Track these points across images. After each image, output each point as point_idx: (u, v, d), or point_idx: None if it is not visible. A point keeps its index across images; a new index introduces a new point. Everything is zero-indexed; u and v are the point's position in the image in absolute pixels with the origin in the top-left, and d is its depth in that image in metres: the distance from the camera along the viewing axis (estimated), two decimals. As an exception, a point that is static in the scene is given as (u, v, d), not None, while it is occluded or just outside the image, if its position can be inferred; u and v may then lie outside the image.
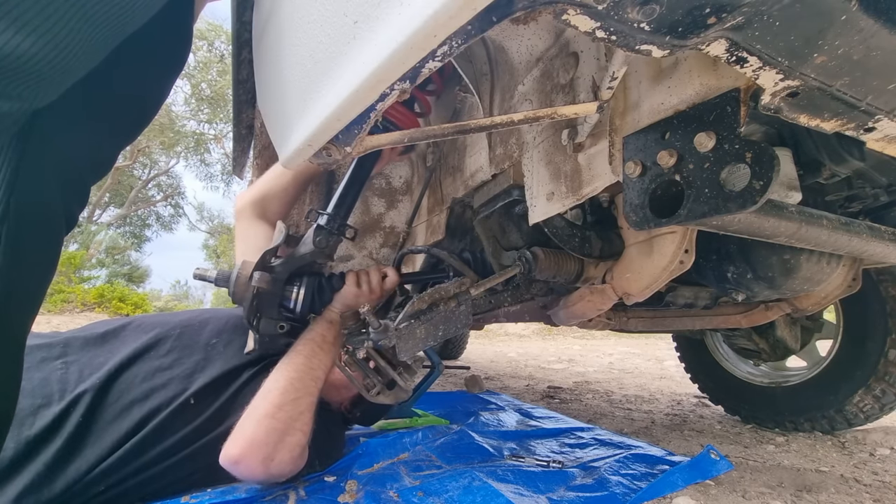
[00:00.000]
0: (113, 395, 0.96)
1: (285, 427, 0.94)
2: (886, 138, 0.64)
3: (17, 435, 0.84)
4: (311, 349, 1.07)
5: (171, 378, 1.03)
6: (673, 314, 1.41)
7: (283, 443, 0.94)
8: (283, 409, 0.95)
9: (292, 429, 0.96)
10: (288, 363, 1.04)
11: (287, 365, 1.03)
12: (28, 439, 0.85)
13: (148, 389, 0.99)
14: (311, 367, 1.04)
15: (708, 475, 1.16)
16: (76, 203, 0.61)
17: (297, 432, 0.97)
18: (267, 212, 1.35)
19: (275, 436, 0.93)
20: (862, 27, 0.47)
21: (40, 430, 0.86)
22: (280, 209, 1.37)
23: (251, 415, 0.95)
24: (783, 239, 0.77)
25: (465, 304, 1.05)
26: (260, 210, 1.35)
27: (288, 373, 1.01)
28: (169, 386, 1.01)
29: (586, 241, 1.05)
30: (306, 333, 1.11)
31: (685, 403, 2.32)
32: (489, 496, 0.98)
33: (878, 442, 1.55)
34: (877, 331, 1.49)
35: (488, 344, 7.14)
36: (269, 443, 0.92)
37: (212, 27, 14.29)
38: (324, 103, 0.60)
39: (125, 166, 15.08)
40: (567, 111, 0.72)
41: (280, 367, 1.04)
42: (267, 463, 0.92)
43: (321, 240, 1.13)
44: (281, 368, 1.03)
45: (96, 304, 7.64)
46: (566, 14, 0.45)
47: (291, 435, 0.95)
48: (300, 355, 1.06)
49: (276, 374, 1.02)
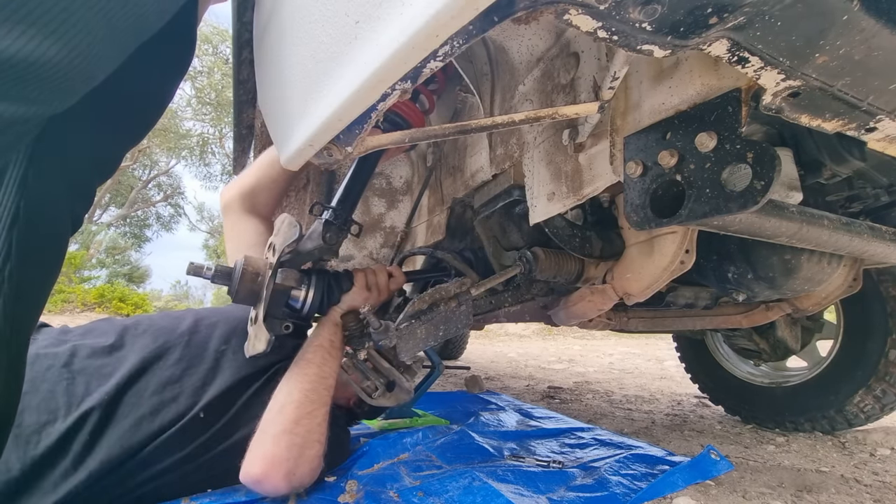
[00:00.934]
0: (121, 411, 0.93)
1: (304, 441, 0.93)
2: (887, 138, 0.64)
3: (24, 454, 0.83)
4: (322, 357, 1.03)
5: (180, 391, 1.00)
6: (673, 314, 1.41)
7: (303, 457, 0.93)
8: (301, 424, 0.93)
9: (311, 441, 0.94)
10: (301, 374, 1.00)
11: (300, 376, 1.00)
12: (34, 459, 0.83)
13: (157, 404, 0.96)
14: (323, 377, 1.01)
15: (708, 475, 1.16)
16: (81, 205, 0.61)
17: (315, 444, 0.95)
18: (256, 205, 1.29)
19: (295, 451, 0.91)
20: (863, 27, 0.47)
21: (46, 448, 0.85)
22: (270, 201, 1.31)
23: (268, 431, 0.92)
24: (784, 239, 0.77)
25: (465, 304, 1.05)
26: (249, 203, 1.28)
27: (302, 384, 0.98)
28: (179, 400, 0.98)
29: (587, 242, 1.05)
30: (314, 339, 1.08)
31: (685, 404, 2.32)
32: (489, 496, 0.98)
33: (878, 442, 1.55)
34: (877, 331, 1.49)
35: (488, 344, 7.14)
36: (290, 458, 0.91)
37: (216, 31, 14.30)
38: (325, 103, 0.60)
39: (126, 167, 15.09)
40: (568, 111, 0.72)
41: (292, 377, 1.00)
42: (289, 478, 0.91)
43: (331, 236, 1.08)
44: (294, 380, 1.00)
45: (97, 304, 7.64)
46: (568, 14, 0.45)
47: (310, 448, 0.94)
48: (312, 364, 1.02)
49: (290, 387, 0.98)
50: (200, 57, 14.33)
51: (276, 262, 0.99)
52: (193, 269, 0.98)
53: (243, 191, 1.28)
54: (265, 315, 0.98)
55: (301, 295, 1.09)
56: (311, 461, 0.94)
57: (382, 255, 1.79)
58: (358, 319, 1.13)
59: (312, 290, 1.09)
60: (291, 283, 1.07)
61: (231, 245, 1.27)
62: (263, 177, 1.29)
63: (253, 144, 1.63)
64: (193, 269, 0.98)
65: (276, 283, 1.01)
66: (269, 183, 1.29)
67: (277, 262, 0.99)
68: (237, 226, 1.27)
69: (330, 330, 1.09)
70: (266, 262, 1.03)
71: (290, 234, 0.99)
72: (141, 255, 15.08)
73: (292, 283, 1.07)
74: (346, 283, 1.16)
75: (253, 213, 1.28)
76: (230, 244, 1.27)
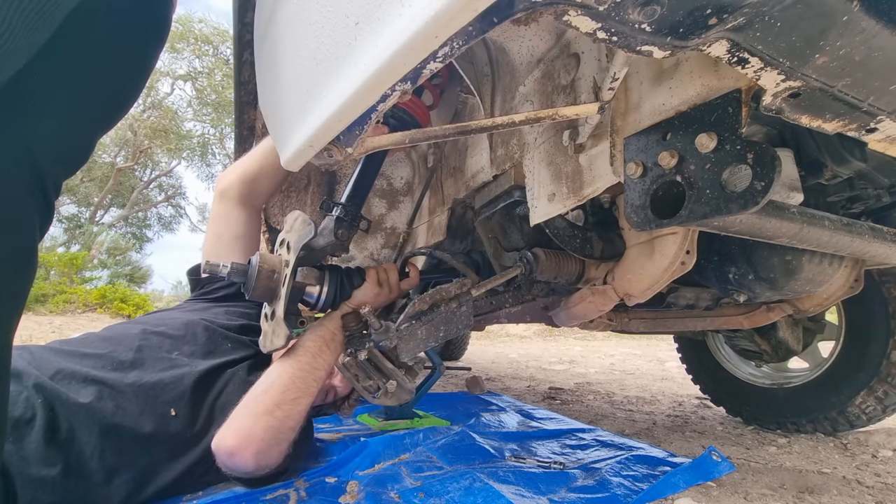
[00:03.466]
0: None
1: (280, 425, 0.95)
2: (888, 139, 0.64)
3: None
4: (319, 346, 1.04)
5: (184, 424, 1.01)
6: (674, 315, 1.41)
7: (276, 441, 0.95)
8: (281, 408, 0.95)
9: (287, 427, 0.96)
10: (294, 360, 1.01)
11: (293, 361, 1.01)
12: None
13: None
14: (314, 367, 1.02)
15: (710, 477, 1.16)
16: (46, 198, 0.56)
17: (290, 431, 0.97)
18: (255, 191, 1.26)
19: (271, 433, 0.93)
20: (863, 28, 0.47)
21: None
22: (269, 189, 1.28)
23: (250, 408, 0.94)
24: (785, 240, 0.77)
25: (466, 304, 1.05)
26: (248, 189, 1.25)
27: (292, 370, 0.99)
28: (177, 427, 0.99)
29: (587, 242, 1.04)
30: (317, 328, 1.07)
31: (687, 405, 2.31)
32: (490, 497, 0.98)
33: (880, 443, 1.54)
34: (879, 332, 1.48)
35: (489, 345, 7.14)
36: (264, 439, 0.93)
37: (217, 31, 14.33)
38: (325, 104, 0.60)
39: (127, 167, 15.12)
40: (568, 112, 0.72)
41: (286, 361, 1.01)
42: (259, 458, 0.93)
43: (342, 232, 1.07)
44: (286, 364, 1.01)
45: (98, 305, 7.65)
46: (567, 15, 0.45)
47: (285, 434, 0.96)
48: (308, 353, 1.02)
49: (280, 369, 0.99)
50: (201, 58, 14.38)
51: (294, 260, 0.99)
52: (210, 267, 0.98)
53: (245, 176, 1.24)
54: (285, 312, 0.98)
55: (315, 291, 1.09)
56: (281, 447, 0.97)
57: (383, 256, 1.79)
58: (359, 320, 1.14)
59: (326, 286, 1.10)
60: (311, 280, 1.07)
61: (214, 231, 1.23)
62: (267, 164, 1.24)
63: (254, 145, 1.64)
64: (210, 268, 0.98)
65: (295, 280, 1.01)
66: (272, 170, 1.25)
67: (296, 260, 0.99)
68: (230, 214, 1.24)
69: (335, 323, 1.08)
70: (281, 260, 1.03)
71: (306, 231, 0.99)
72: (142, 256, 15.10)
73: (312, 280, 1.07)
74: (357, 278, 1.16)
75: (247, 202, 1.25)
76: (214, 230, 1.23)
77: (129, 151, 15.11)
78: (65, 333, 6.22)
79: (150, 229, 17.47)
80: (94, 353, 1.00)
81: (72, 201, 15.30)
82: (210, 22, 14.37)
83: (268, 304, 1.05)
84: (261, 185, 1.25)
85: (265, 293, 1.01)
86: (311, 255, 1.09)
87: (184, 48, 14.12)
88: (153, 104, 14.73)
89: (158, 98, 14.79)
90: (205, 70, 14.51)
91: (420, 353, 1.06)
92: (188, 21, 14.03)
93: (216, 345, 1.16)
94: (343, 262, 1.76)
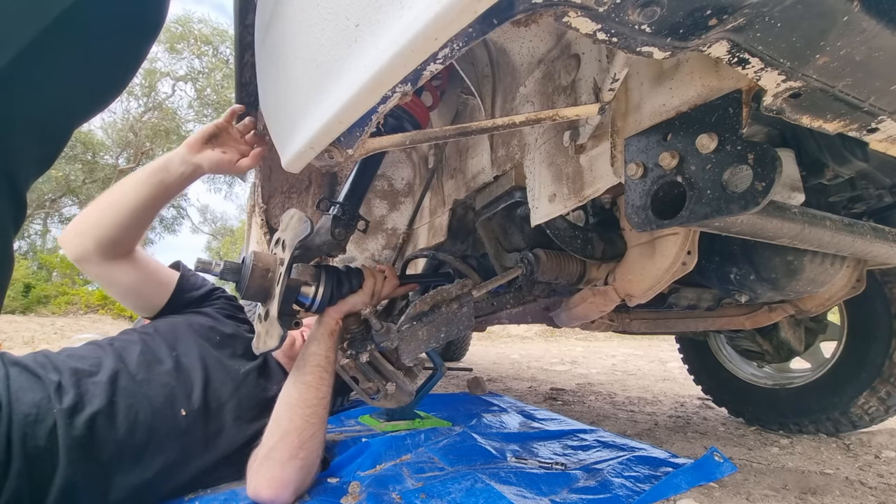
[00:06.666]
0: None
1: (309, 463, 0.99)
2: (890, 139, 0.64)
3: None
4: (320, 377, 1.03)
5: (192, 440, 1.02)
6: (676, 316, 1.41)
7: (307, 473, 0.99)
8: (304, 448, 0.97)
9: (313, 460, 1.00)
10: (300, 399, 1.00)
11: (300, 402, 1.00)
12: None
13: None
14: (321, 398, 1.02)
15: (712, 477, 1.15)
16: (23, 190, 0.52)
17: (316, 460, 1.01)
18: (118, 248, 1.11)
19: (302, 472, 0.97)
20: (864, 28, 0.47)
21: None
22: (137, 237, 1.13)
23: (275, 457, 0.95)
24: (786, 240, 0.77)
25: (467, 305, 1.05)
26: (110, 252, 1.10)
27: (302, 410, 0.99)
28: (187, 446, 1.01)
29: (588, 243, 1.04)
30: (311, 358, 1.05)
31: (689, 405, 2.31)
32: (492, 498, 0.98)
33: (883, 444, 1.54)
34: (881, 332, 1.48)
35: (491, 346, 7.13)
36: (297, 479, 0.96)
37: (217, 32, 14.37)
38: (325, 106, 0.60)
39: (129, 169, 15.16)
40: (569, 113, 0.72)
41: (293, 402, 1.00)
42: (297, 493, 0.98)
43: (339, 231, 1.06)
44: (294, 405, 1.00)
45: (100, 306, 7.66)
46: (567, 16, 0.45)
47: (312, 463, 1.00)
48: (311, 388, 1.01)
49: (291, 413, 0.99)
50: (201, 58, 14.41)
51: (289, 258, 0.97)
52: (202, 265, 0.97)
53: (101, 240, 1.08)
54: (279, 312, 0.96)
55: (311, 291, 1.07)
56: (311, 473, 1.01)
57: (384, 257, 1.79)
58: (360, 322, 1.14)
59: (322, 286, 1.08)
60: (306, 278, 1.05)
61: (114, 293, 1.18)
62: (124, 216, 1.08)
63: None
64: (202, 266, 0.97)
65: (290, 278, 0.99)
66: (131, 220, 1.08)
67: (291, 258, 0.97)
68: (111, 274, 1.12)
69: (325, 345, 1.07)
70: (275, 258, 1.02)
71: (302, 229, 0.97)
72: (144, 257, 15.13)
73: (307, 278, 1.05)
74: (355, 280, 1.13)
75: (115, 259, 1.11)
76: (113, 293, 1.19)
77: (130, 153, 15.16)
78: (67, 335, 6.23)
79: (151, 230, 17.52)
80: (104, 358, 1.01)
81: (74, 203, 15.34)
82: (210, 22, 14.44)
83: (262, 305, 1.03)
84: (124, 238, 1.11)
85: (259, 292, 0.99)
86: (307, 253, 1.07)
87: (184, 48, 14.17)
88: (154, 105, 14.77)
89: (159, 99, 14.83)
90: (205, 70, 14.55)
91: (421, 354, 1.06)
92: (188, 21, 14.08)
93: (224, 346, 1.18)
94: (344, 262, 1.76)
